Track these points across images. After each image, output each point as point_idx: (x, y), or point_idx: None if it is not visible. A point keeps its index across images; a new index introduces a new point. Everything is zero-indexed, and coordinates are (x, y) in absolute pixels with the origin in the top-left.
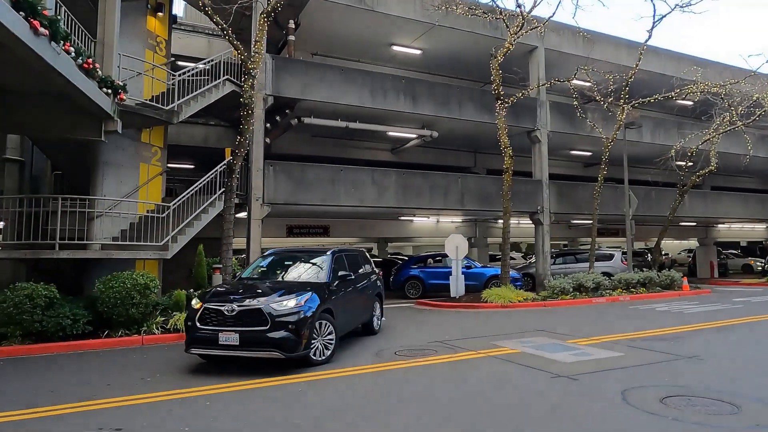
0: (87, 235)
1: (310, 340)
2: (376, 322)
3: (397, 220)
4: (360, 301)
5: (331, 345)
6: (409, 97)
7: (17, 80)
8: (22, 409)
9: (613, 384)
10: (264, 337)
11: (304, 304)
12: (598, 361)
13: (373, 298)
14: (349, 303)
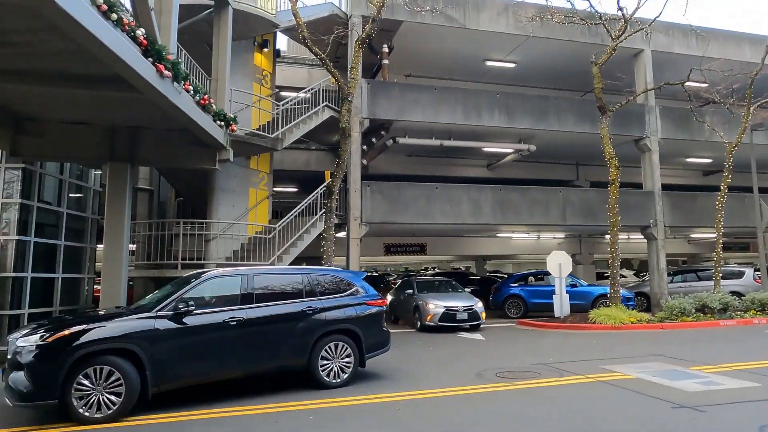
0: (204, 256)
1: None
2: (328, 370)
3: (494, 237)
4: (250, 340)
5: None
6: (504, 112)
7: (147, 118)
8: (154, 414)
9: (747, 419)
10: None
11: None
12: (728, 392)
13: (309, 335)
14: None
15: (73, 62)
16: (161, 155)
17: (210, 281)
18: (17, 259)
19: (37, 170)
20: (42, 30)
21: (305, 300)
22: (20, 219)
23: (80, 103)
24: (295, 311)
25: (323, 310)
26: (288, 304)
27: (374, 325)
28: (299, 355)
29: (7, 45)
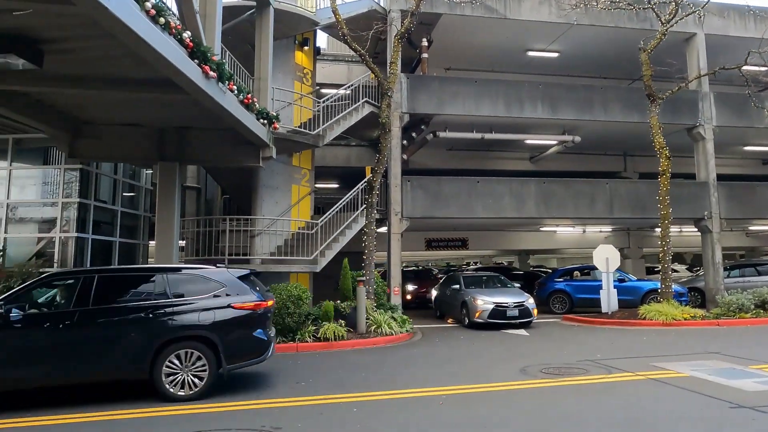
0: (250, 251)
1: None
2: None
3: (538, 231)
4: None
5: None
6: (547, 103)
7: (193, 119)
8: (198, 404)
9: None
10: None
11: None
12: None
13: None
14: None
15: (125, 66)
16: (207, 154)
17: (45, 282)
18: (77, 255)
19: (93, 171)
20: (96, 36)
21: (152, 302)
22: (79, 217)
23: (132, 105)
24: (134, 315)
25: (171, 313)
26: (127, 306)
27: (238, 331)
28: (137, 363)
29: (66, 52)
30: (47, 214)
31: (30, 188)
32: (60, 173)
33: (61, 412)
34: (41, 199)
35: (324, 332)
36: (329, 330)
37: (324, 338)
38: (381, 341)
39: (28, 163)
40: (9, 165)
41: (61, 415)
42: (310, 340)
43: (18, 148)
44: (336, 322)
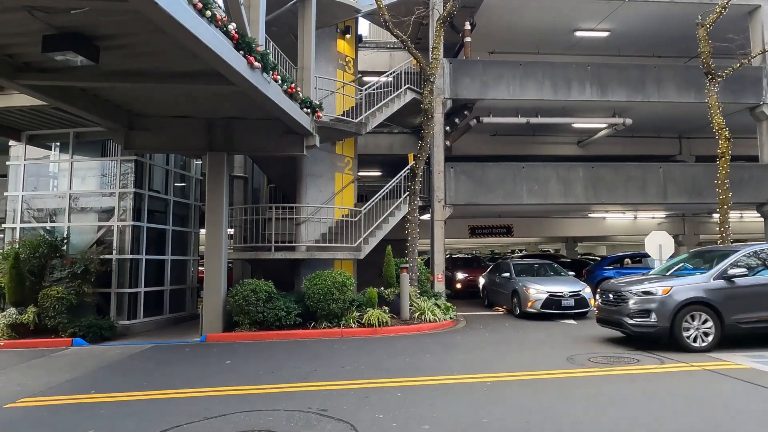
0: (295, 239)
1: None
2: None
3: (586, 218)
4: None
5: None
6: (596, 85)
7: (240, 109)
8: (249, 385)
9: None
10: None
11: None
12: None
13: None
14: None
15: (175, 60)
16: (253, 144)
17: None
18: (133, 243)
19: (147, 162)
20: (147, 32)
21: None
22: (134, 206)
23: (181, 98)
24: None
25: None
26: None
27: None
28: None
29: (120, 48)
30: (106, 204)
31: (90, 179)
32: (116, 165)
33: None
34: (100, 189)
35: (368, 318)
36: (373, 316)
37: (368, 324)
38: (425, 328)
39: (87, 156)
40: (71, 157)
41: None
42: (355, 326)
43: (78, 142)
44: (380, 309)
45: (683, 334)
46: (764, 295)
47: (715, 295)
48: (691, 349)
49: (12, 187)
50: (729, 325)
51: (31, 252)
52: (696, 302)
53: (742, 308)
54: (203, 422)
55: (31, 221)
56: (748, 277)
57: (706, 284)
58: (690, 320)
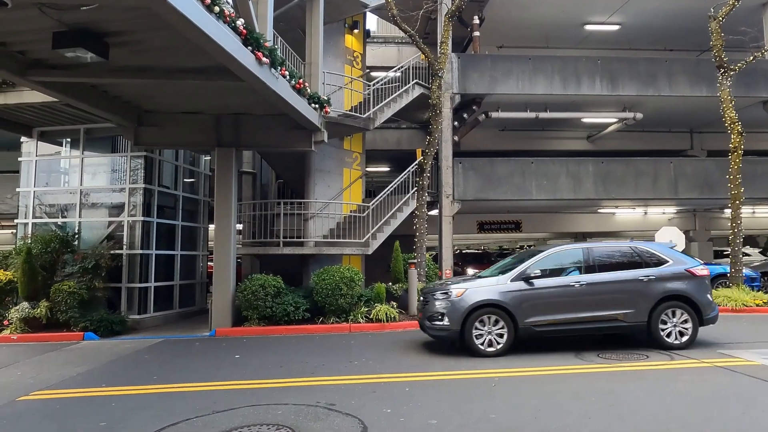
0: (303, 234)
1: None
2: None
3: (595, 213)
4: None
5: None
6: (606, 79)
7: (248, 105)
8: (258, 380)
9: None
10: None
11: None
12: None
13: None
14: None
15: (183, 56)
16: (261, 139)
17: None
18: (143, 238)
19: (156, 158)
20: (156, 28)
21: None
22: (144, 202)
23: (190, 94)
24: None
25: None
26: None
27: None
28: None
29: (129, 44)
30: (116, 200)
31: (100, 175)
32: (126, 161)
33: None
34: (110, 185)
35: (376, 313)
36: (381, 311)
37: (376, 319)
38: None
39: (97, 152)
40: (81, 153)
41: None
42: (363, 321)
43: (88, 138)
44: (388, 304)
45: (473, 338)
46: (559, 297)
47: (510, 298)
48: (482, 353)
49: (24, 183)
50: (522, 329)
51: (43, 247)
52: (489, 305)
53: (537, 311)
54: (212, 416)
55: (43, 217)
56: (546, 279)
57: (503, 286)
58: (481, 324)
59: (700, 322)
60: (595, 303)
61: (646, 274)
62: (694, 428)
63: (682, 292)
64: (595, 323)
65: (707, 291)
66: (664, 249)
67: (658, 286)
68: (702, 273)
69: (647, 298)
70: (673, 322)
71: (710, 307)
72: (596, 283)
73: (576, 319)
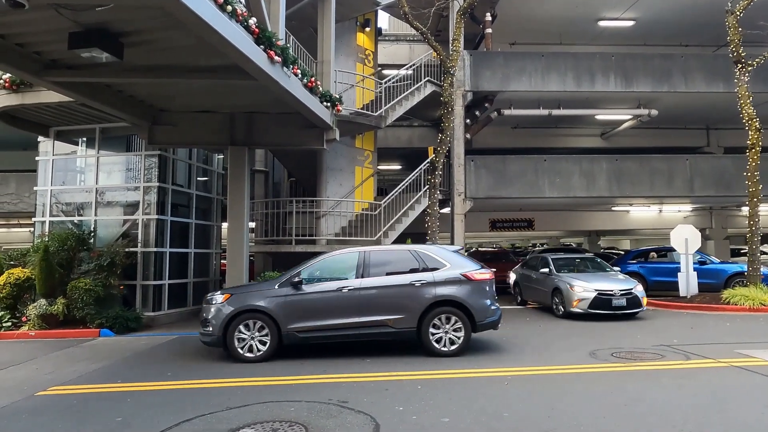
0: (315, 232)
1: None
2: None
3: (609, 211)
4: None
5: None
6: (620, 76)
7: (260, 103)
8: (270, 377)
9: None
10: None
11: None
12: None
13: None
14: None
15: (196, 55)
16: (274, 138)
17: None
18: (158, 236)
19: (170, 156)
20: (169, 27)
21: None
22: (158, 200)
23: (203, 92)
24: None
25: None
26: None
27: None
28: None
29: (143, 44)
30: (131, 198)
31: (115, 174)
32: (141, 159)
33: None
34: (125, 184)
35: None
36: None
37: None
38: None
39: (113, 151)
40: (97, 152)
41: None
42: None
43: (103, 137)
44: None
45: (235, 344)
46: (326, 302)
47: (275, 303)
48: (243, 359)
49: (41, 182)
50: (286, 335)
51: (60, 245)
52: (252, 310)
53: (301, 317)
54: (225, 412)
55: (60, 215)
56: (315, 284)
57: (270, 291)
58: (246, 329)
59: (473, 328)
60: (363, 308)
61: (418, 278)
62: (711, 429)
63: (455, 297)
64: (363, 329)
65: (485, 296)
66: (445, 253)
67: (429, 290)
68: (480, 277)
69: (417, 303)
70: (446, 328)
71: (486, 313)
72: (366, 288)
73: (342, 325)
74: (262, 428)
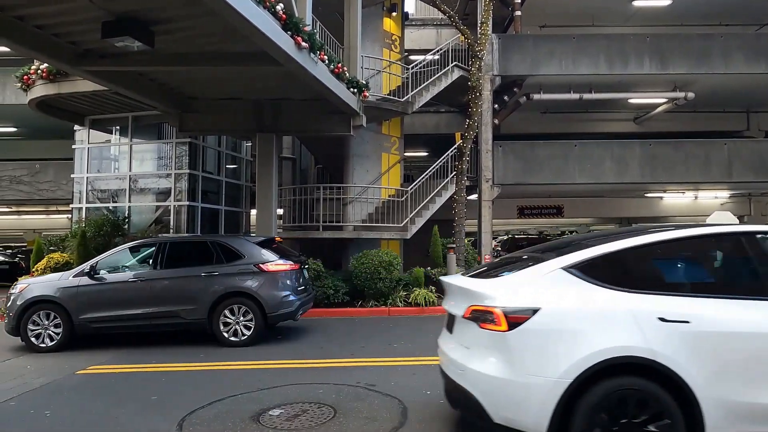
0: (342, 218)
1: None
2: None
3: (642, 198)
4: None
5: None
6: (655, 58)
7: (287, 90)
8: (299, 359)
9: None
10: None
11: None
12: None
13: None
14: None
15: (225, 42)
16: (300, 124)
17: None
18: (189, 222)
19: (200, 144)
20: (199, 15)
21: None
22: (189, 187)
23: (231, 80)
24: None
25: None
26: None
27: None
28: None
29: (173, 32)
30: (162, 185)
31: (147, 161)
32: (172, 147)
33: None
34: (157, 171)
35: (415, 297)
36: (420, 295)
37: (415, 303)
38: None
39: (145, 139)
40: (130, 141)
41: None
42: (401, 305)
43: (136, 125)
44: (426, 288)
45: (29, 334)
46: (119, 292)
47: (67, 294)
48: (36, 348)
49: (78, 170)
50: (78, 325)
51: (96, 230)
52: (44, 301)
53: (93, 307)
54: (257, 393)
55: (96, 201)
56: (111, 274)
57: (65, 281)
58: (39, 319)
59: (264, 320)
60: (156, 299)
61: (209, 270)
62: None
63: (245, 288)
64: (155, 319)
65: (277, 287)
66: (243, 244)
67: (220, 282)
68: (273, 269)
69: (208, 295)
70: (237, 319)
71: (277, 304)
72: (158, 279)
73: (133, 315)
74: (292, 409)
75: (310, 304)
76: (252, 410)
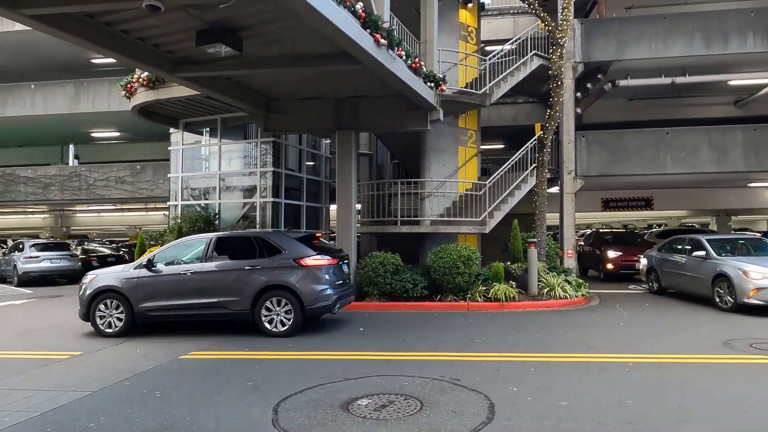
0: (419, 213)
1: None
2: None
3: (743, 188)
4: None
5: None
6: (760, 33)
7: (365, 87)
8: (382, 352)
9: None
10: None
11: None
12: None
13: None
14: None
15: (307, 44)
16: (378, 121)
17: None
18: (273, 218)
19: (282, 142)
20: (283, 19)
21: None
22: (273, 184)
23: (312, 80)
24: None
25: None
26: None
27: None
28: None
29: (258, 36)
30: (249, 183)
31: (235, 161)
32: (257, 146)
33: None
34: (243, 169)
35: (494, 293)
36: (500, 290)
37: (494, 298)
38: (554, 304)
39: (232, 139)
40: (219, 141)
41: None
42: (481, 300)
43: (224, 127)
44: (506, 283)
45: (97, 320)
46: (173, 284)
47: (128, 284)
48: (103, 333)
49: (174, 169)
50: (138, 313)
51: (190, 226)
52: (109, 290)
53: (151, 297)
54: (343, 382)
55: (189, 199)
56: (167, 267)
57: (126, 273)
58: (103, 307)
59: (302, 312)
60: (204, 290)
61: (252, 263)
62: None
63: (285, 282)
64: (204, 309)
65: (315, 281)
66: (283, 239)
67: (262, 275)
68: (312, 263)
69: (251, 287)
70: (277, 311)
71: (314, 298)
72: (207, 272)
73: (185, 305)
74: (379, 399)
75: (349, 298)
76: (341, 399)
